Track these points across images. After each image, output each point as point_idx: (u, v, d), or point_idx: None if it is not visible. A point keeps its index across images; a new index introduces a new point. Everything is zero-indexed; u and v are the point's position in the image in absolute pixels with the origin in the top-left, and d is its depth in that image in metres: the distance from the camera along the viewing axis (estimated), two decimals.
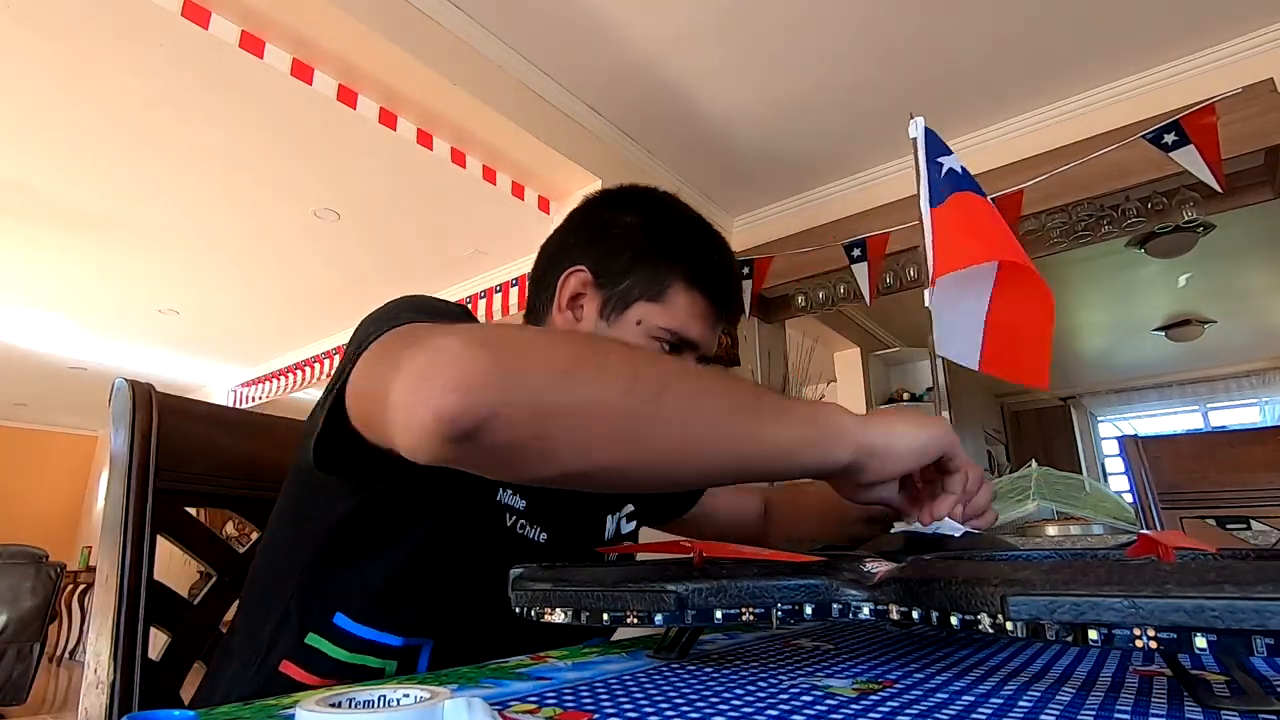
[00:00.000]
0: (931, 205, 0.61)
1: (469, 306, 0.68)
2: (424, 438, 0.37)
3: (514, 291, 3.38)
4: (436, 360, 0.37)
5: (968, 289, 0.61)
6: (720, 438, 0.42)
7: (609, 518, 0.77)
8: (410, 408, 0.37)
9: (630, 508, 0.81)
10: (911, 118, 0.64)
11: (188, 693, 0.64)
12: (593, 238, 0.71)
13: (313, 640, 0.55)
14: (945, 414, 4.92)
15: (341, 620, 0.55)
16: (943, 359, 0.62)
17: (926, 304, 0.60)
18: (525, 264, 3.40)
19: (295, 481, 0.60)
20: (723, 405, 0.43)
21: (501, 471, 0.41)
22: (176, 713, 0.26)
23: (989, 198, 0.67)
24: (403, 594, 0.56)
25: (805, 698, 0.31)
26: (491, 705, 0.24)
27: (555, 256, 0.72)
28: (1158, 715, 0.26)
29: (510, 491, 0.61)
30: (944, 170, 0.63)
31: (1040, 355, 0.64)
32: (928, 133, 0.63)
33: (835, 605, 0.34)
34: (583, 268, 0.69)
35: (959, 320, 0.62)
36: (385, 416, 0.40)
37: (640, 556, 0.53)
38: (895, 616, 0.32)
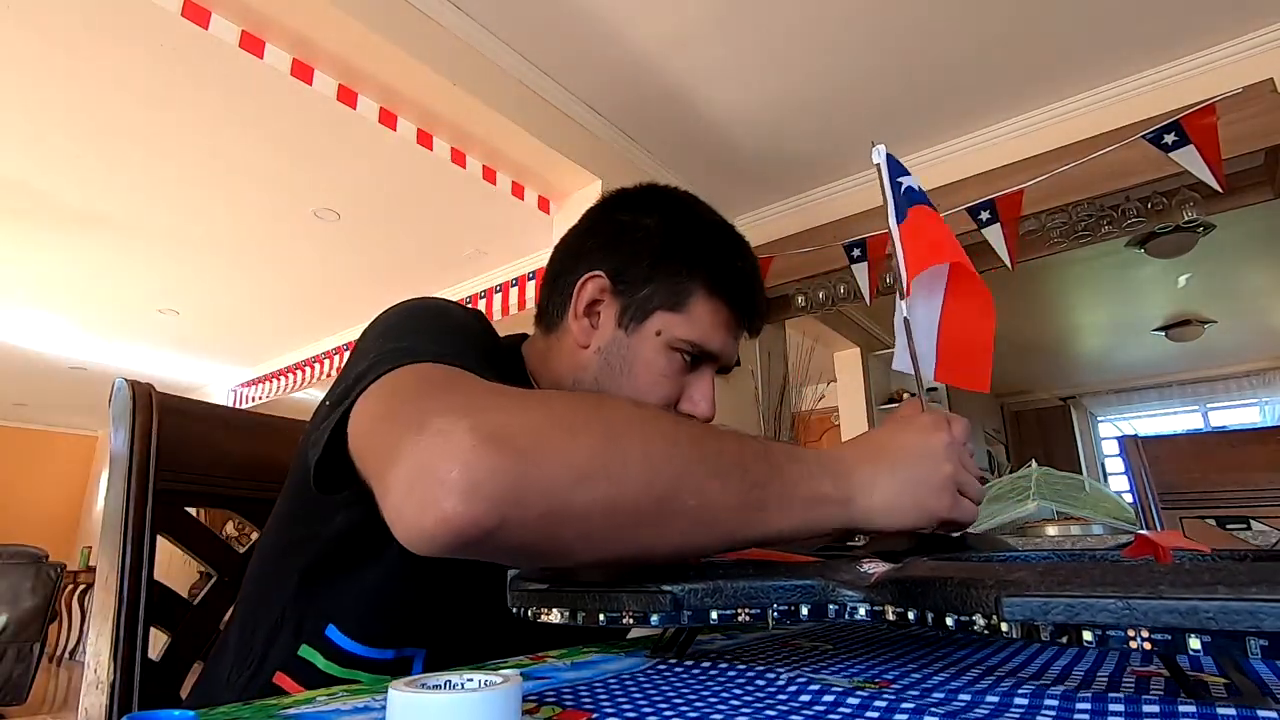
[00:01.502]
0: (898, 222, 0.62)
1: (487, 319, 0.69)
2: (424, 542, 0.34)
3: (514, 291, 3.37)
4: (441, 456, 0.33)
5: (924, 302, 0.62)
6: (729, 530, 0.42)
7: None
8: (409, 510, 0.34)
9: None
10: (873, 146, 0.65)
11: (188, 692, 0.64)
12: (611, 242, 0.68)
13: (306, 652, 0.54)
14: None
15: (333, 633, 0.54)
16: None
17: (904, 315, 0.60)
18: (525, 264, 3.40)
19: (295, 488, 0.60)
20: (730, 503, 0.41)
21: (511, 564, 0.40)
22: (176, 713, 0.26)
23: (945, 206, 0.67)
24: (394, 604, 0.55)
25: (803, 697, 0.31)
26: None
27: (572, 260, 0.69)
28: (1153, 715, 0.26)
29: None
30: (903, 189, 0.64)
31: (983, 359, 0.64)
32: (889, 157, 0.65)
33: (831, 606, 0.35)
34: (601, 274, 0.66)
35: (925, 331, 0.62)
36: (382, 498, 0.37)
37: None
38: (891, 617, 0.32)
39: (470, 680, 0.25)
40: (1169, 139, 1.98)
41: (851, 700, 0.30)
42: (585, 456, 0.37)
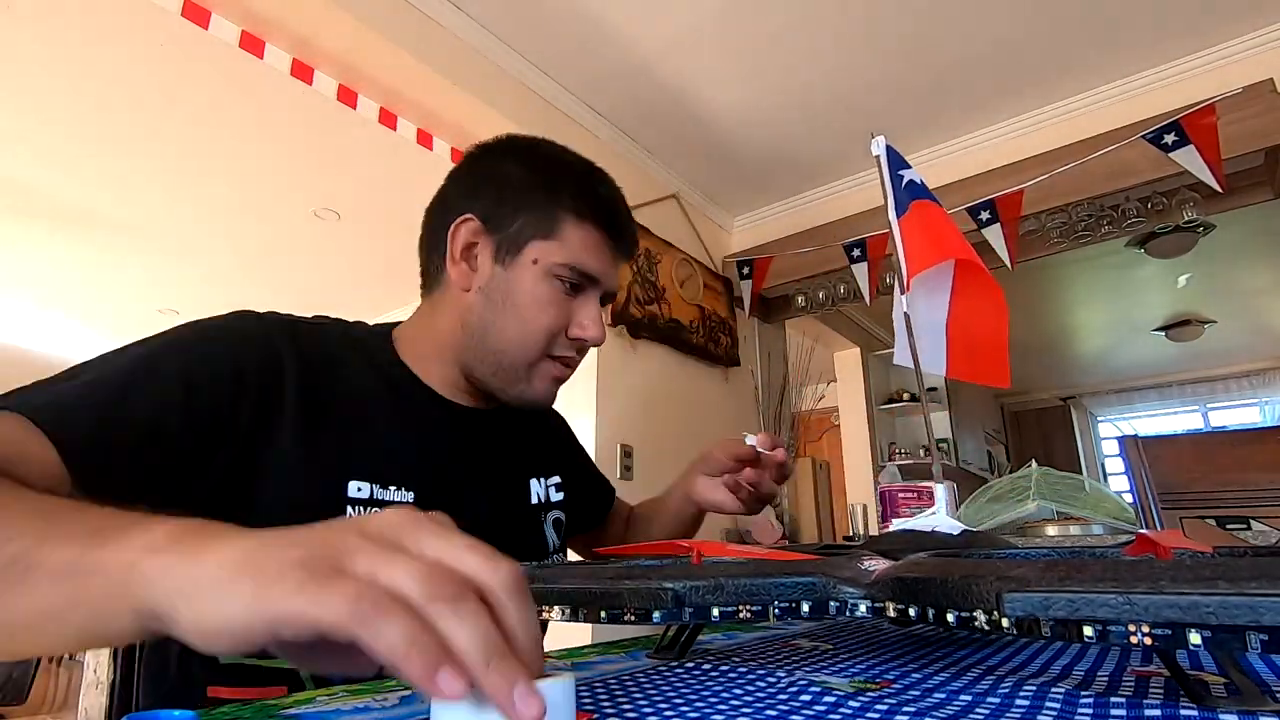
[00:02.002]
0: (898, 216, 0.62)
1: (294, 322, 0.67)
2: None
3: None
4: None
5: (929, 296, 0.62)
6: None
7: (533, 481, 0.77)
8: None
9: (558, 478, 0.81)
10: (873, 137, 0.65)
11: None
12: (477, 185, 0.70)
13: (230, 659, 0.53)
14: (946, 414, 4.90)
15: None
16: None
17: (904, 310, 0.60)
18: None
19: None
20: None
21: None
22: (176, 713, 0.26)
23: (945, 206, 0.68)
24: None
25: (804, 697, 0.31)
26: None
27: (440, 212, 0.71)
28: (1154, 714, 0.26)
29: (370, 483, 0.60)
30: (904, 182, 0.64)
31: (999, 355, 0.64)
32: (889, 149, 0.65)
33: (832, 603, 0.35)
34: (471, 216, 0.67)
35: (923, 328, 0.62)
36: None
37: (639, 557, 0.53)
38: (892, 614, 0.32)
39: None
40: (1169, 139, 1.98)
41: (852, 701, 0.30)
42: None
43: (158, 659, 0.57)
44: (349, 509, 0.58)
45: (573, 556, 0.97)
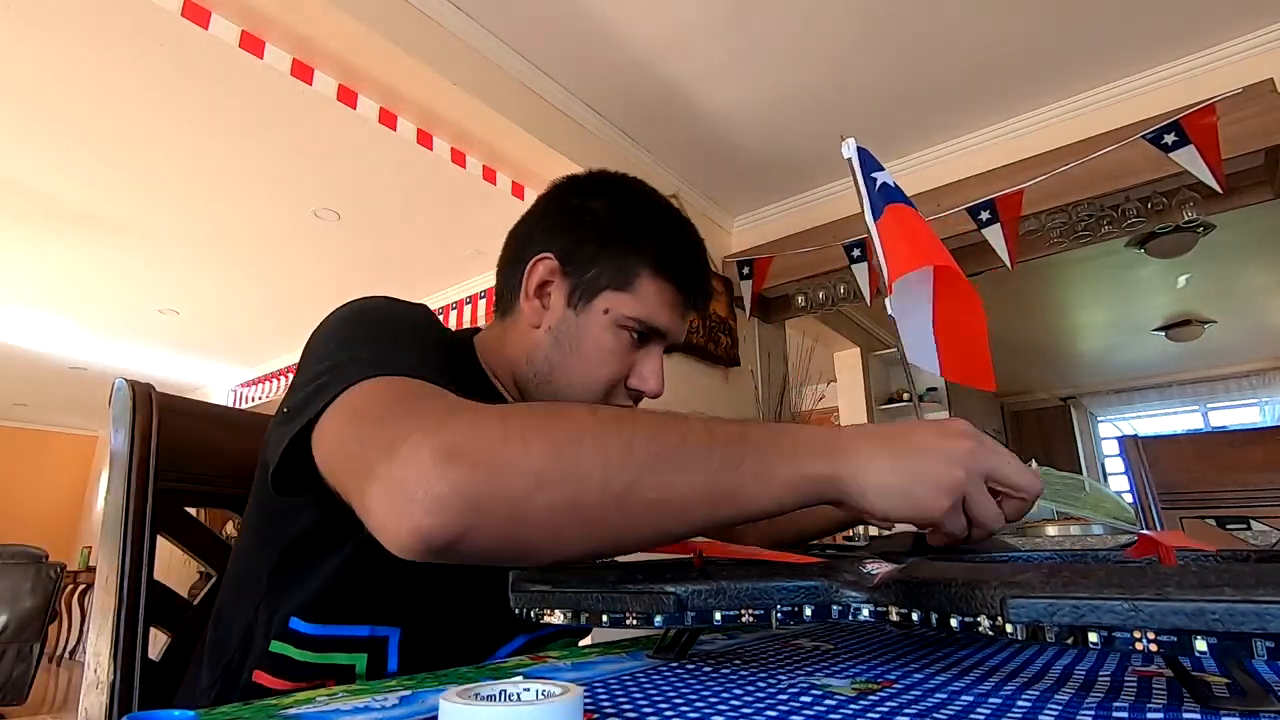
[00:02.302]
0: (875, 219, 0.62)
1: (433, 312, 0.68)
2: (403, 550, 0.39)
3: None
4: (407, 478, 0.38)
5: (913, 299, 0.62)
6: (701, 516, 0.42)
7: None
8: (385, 523, 0.39)
9: None
10: (843, 140, 0.65)
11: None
12: (560, 224, 0.70)
13: (277, 647, 0.55)
14: (946, 414, 4.91)
15: (297, 624, 0.55)
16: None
17: (889, 312, 0.60)
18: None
19: (259, 494, 0.60)
20: (698, 488, 0.42)
21: (487, 563, 0.42)
22: (176, 713, 0.26)
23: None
24: (356, 584, 0.56)
25: (804, 698, 0.31)
26: None
27: (523, 243, 0.71)
28: (1156, 716, 0.26)
29: None
30: (878, 185, 0.64)
31: (982, 358, 0.65)
32: (861, 151, 0.65)
33: (835, 607, 0.34)
34: (550, 255, 0.68)
35: (911, 329, 0.62)
36: (364, 516, 0.41)
37: (641, 557, 0.53)
38: (895, 618, 0.32)
39: (526, 690, 0.24)
40: (1169, 139, 1.98)
41: (854, 702, 0.30)
42: (540, 463, 0.40)
43: (220, 645, 0.59)
44: None
45: None
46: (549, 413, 0.44)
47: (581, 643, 0.70)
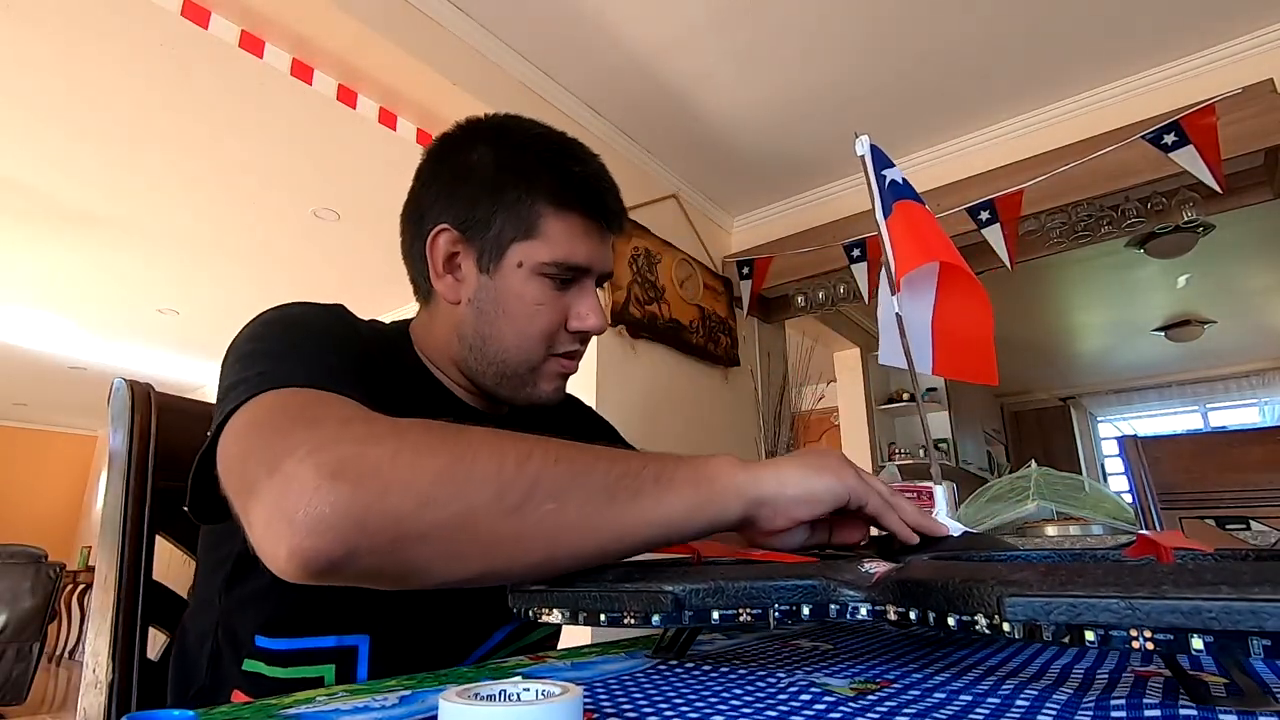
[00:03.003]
0: (885, 216, 0.62)
1: (348, 311, 0.65)
2: (284, 573, 0.37)
3: None
4: (287, 495, 0.36)
5: (915, 296, 0.62)
6: (598, 528, 0.41)
7: None
8: (267, 544, 0.37)
9: None
10: (856, 136, 0.65)
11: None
12: (447, 190, 0.65)
13: (250, 665, 0.54)
14: (946, 414, 4.89)
15: (263, 641, 0.54)
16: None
17: (896, 310, 0.60)
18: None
19: None
20: (597, 497, 0.41)
21: (375, 586, 0.40)
22: (176, 713, 0.26)
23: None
24: (311, 596, 0.53)
25: (804, 697, 0.31)
26: None
27: (416, 222, 0.68)
28: (1154, 715, 0.26)
29: None
30: (888, 182, 0.64)
31: (986, 354, 0.65)
32: (874, 149, 0.65)
33: (833, 606, 0.34)
34: (446, 225, 0.64)
35: (911, 326, 0.62)
36: (249, 533, 0.39)
37: (641, 557, 0.53)
38: (893, 617, 0.32)
39: (526, 690, 0.24)
40: (1169, 139, 1.98)
41: (852, 702, 0.30)
42: (430, 480, 0.38)
43: (188, 661, 0.58)
44: None
45: None
46: (446, 430, 0.42)
47: (576, 643, 0.69)
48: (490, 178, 0.63)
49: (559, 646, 0.68)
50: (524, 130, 0.67)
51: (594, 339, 0.72)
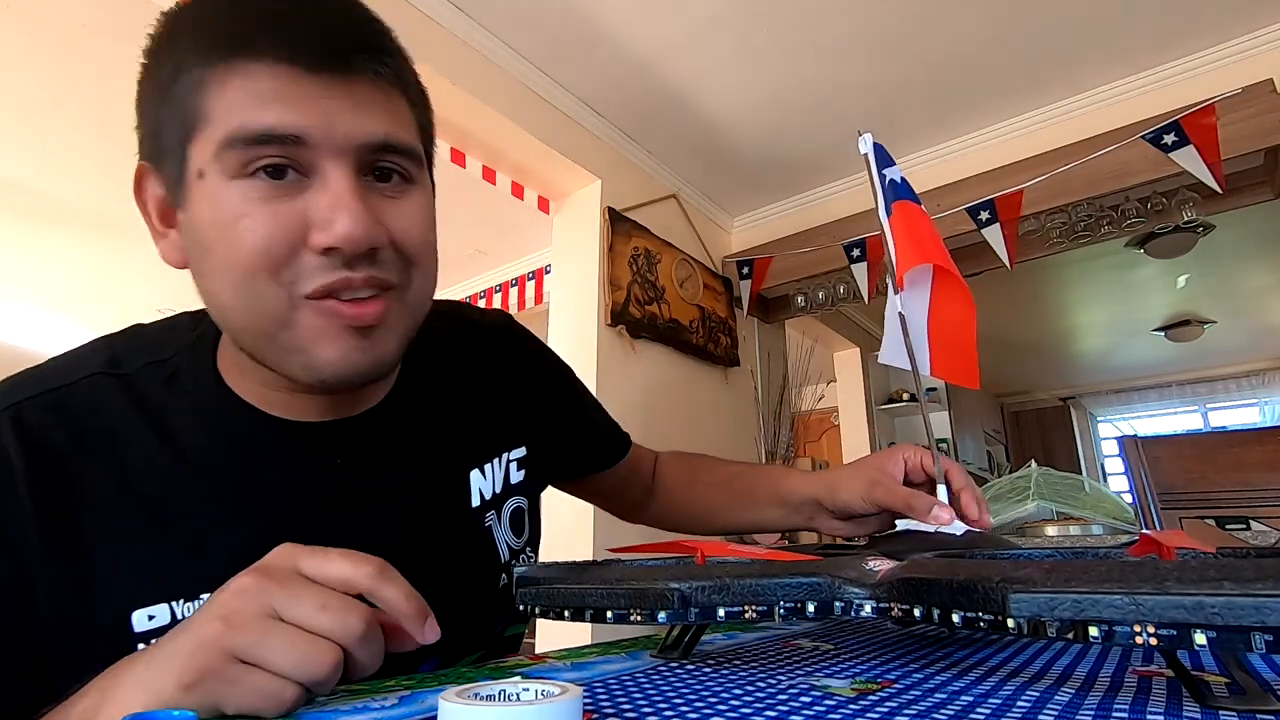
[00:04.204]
0: (887, 215, 0.62)
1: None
2: None
3: (513, 291, 3.38)
4: None
5: (913, 296, 0.63)
6: None
7: (475, 474, 0.58)
8: None
9: (522, 449, 0.63)
10: (860, 134, 0.65)
11: None
12: (138, 122, 0.45)
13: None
14: (946, 414, 4.90)
15: None
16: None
17: (899, 310, 0.60)
18: (525, 264, 3.40)
19: None
20: None
21: None
22: (176, 713, 0.26)
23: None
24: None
25: (804, 698, 0.31)
26: None
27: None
28: (1156, 715, 0.26)
29: (169, 601, 0.43)
30: (887, 181, 0.64)
31: (969, 357, 0.65)
32: (877, 147, 0.65)
33: (838, 603, 0.35)
34: (141, 163, 0.46)
35: (913, 326, 0.63)
36: None
37: (640, 556, 0.53)
38: (897, 614, 0.32)
39: (526, 690, 0.24)
40: (1169, 139, 1.99)
41: (853, 702, 0.30)
42: None
43: None
44: (138, 647, 0.41)
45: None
46: None
47: (576, 643, 0.69)
48: (143, 84, 0.44)
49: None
50: (170, 13, 0.46)
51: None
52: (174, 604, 0.43)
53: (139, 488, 0.44)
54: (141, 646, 0.42)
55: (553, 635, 1.89)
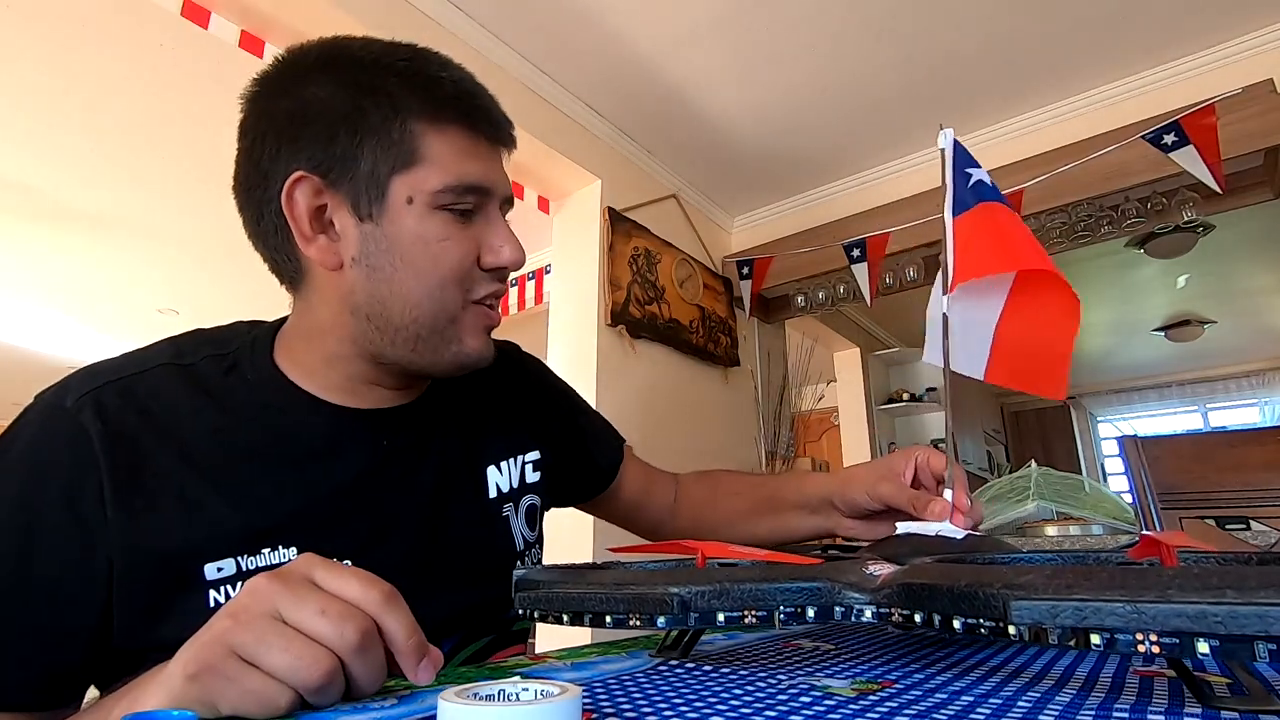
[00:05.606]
0: (955, 214, 0.60)
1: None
2: None
3: (514, 291, 3.37)
4: None
5: (980, 298, 0.60)
6: None
7: (492, 470, 0.66)
8: None
9: (536, 453, 0.71)
10: (941, 129, 0.63)
11: None
12: (288, 134, 0.52)
13: None
14: (947, 414, 4.91)
15: None
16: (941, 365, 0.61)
17: (943, 310, 0.59)
18: (525, 264, 3.40)
19: None
20: None
21: None
22: (176, 713, 0.26)
23: (1014, 210, 0.64)
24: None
25: (804, 698, 0.31)
26: None
27: (259, 186, 0.53)
28: (1158, 716, 0.26)
29: (235, 556, 0.49)
30: (971, 181, 0.62)
31: (1058, 366, 0.62)
32: (956, 144, 0.63)
33: (838, 608, 0.34)
34: (302, 171, 0.51)
35: (967, 329, 0.60)
36: None
37: (641, 556, 0.53)
38: (898, 619, 0.32)
39: (525, 690, 0.24)
40: (1169, 139, 1.98)
41: (853, 702, 0.30)
42: None
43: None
44: (211, 596, 0.48)
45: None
46: None
47: (576, 642, 0.69)
48: (343, 105, 0.51)
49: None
50: (364, 47, 0.55)
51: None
52: (239, 559, 0.49)
53: (205, 459, 0.51)
54: (213, 593, 0.48)
55: (553, 635, 1.89)
